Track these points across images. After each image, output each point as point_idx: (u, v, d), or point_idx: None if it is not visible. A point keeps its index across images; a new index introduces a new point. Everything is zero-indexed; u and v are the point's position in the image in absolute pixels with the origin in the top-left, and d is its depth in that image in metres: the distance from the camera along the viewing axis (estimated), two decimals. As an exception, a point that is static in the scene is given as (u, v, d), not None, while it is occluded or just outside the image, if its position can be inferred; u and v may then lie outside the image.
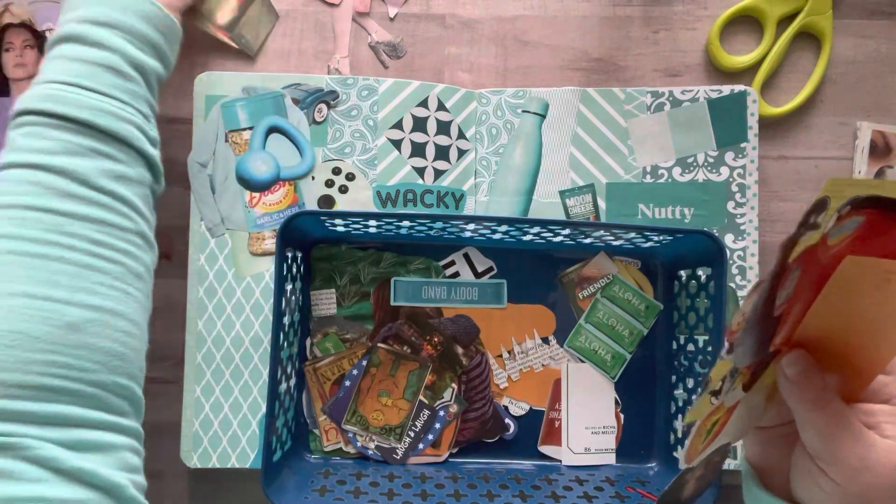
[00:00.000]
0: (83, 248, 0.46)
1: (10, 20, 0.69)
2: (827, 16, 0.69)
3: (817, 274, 0.34)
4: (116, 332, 0.47)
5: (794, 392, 0.38)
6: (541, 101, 0.69)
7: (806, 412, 0.38)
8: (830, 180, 0.30)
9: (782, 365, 0.38)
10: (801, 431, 0.38)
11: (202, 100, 0.67)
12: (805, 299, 0.35)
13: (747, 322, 0.34)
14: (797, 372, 0.38)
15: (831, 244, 0.33)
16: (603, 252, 0.67)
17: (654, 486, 0.63)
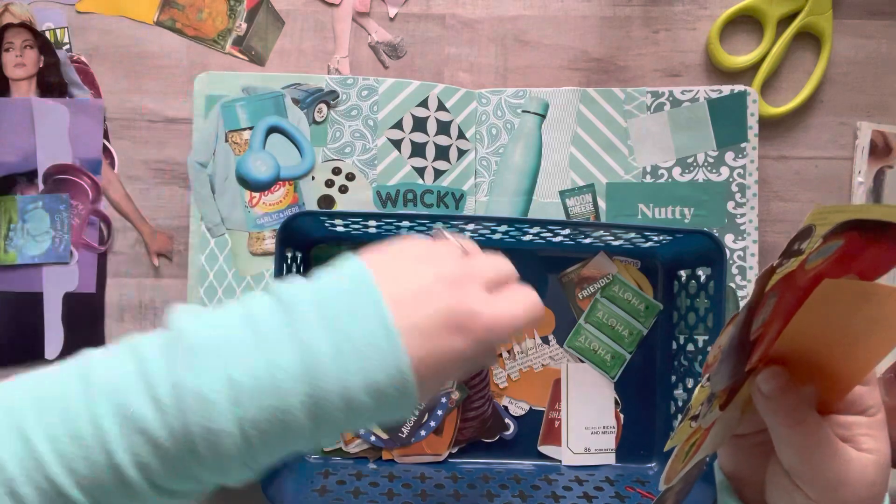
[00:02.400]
0: None
1: (10, 20, 0.69)
2: (827, 16, 0.69)
3: (794, 296, 0.34)
4: None
5: (770, 409, 0.38)
6: (541, 101, 0.69)
7: (782, 428, 0.37)
8: (816, 209, 0.30)
9: (758, 382, 0.38)
10: (777, 447, 0.38)
11: (202, 100, 0.67)
12: (781, 320, 0.35)
13: (724, 353, 0.34)
14: (773, 388, 0.37)
15: (808, 268, 0.33)
16: (603, 252, 0.67)
17: (653, 486, 0.63)
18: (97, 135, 0.69)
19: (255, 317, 0.37)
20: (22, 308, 0.68)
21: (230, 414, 0.35)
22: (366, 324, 0.37)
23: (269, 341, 0.37)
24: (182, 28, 0.70)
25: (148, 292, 0.69)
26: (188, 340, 0.37)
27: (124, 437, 0.35)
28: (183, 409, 0.35)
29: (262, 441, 0.36)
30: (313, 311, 0.37)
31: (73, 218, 0.69)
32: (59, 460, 0.34)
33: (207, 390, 0.35)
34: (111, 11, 0.70)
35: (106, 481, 0.35)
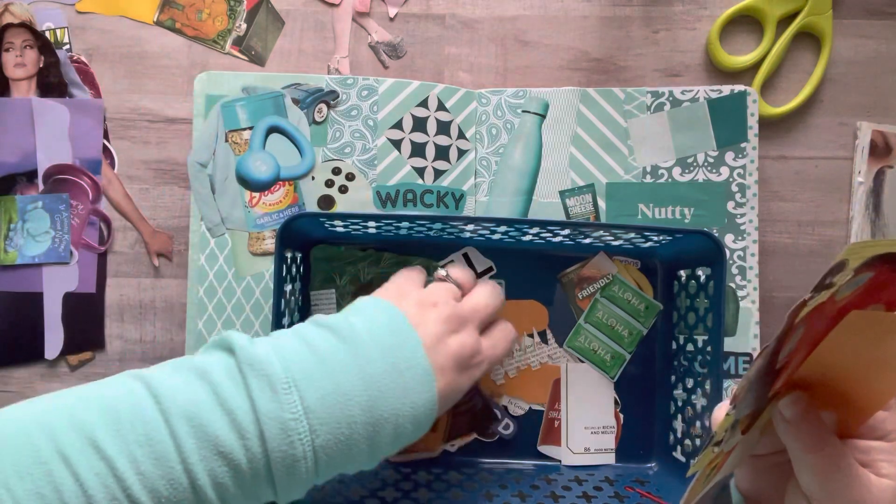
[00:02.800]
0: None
1: (10, 20, 0.69)
2: (827, 16, 0.69)
3: (821, 326, 0.34)
4: None
5: (791, 433, 0.38)
6: (541, 101, 0.69)
7: (803, 454, 0.38)
8: (851, 245, 0.31)
9: (780, 407, 0.38)
10: (797, 472, 0.38)
11: (202, 99, 0.67)
12: (806, 348, 0.36)
13: (750, 383, 0.35)
14: (794, 414, 0.38)
15: (838, 300, 0.33)
16: (602, 252, 0.67)
17: (653, 485, 0.63)
18: (97, 135, 0.69)
19: (316, 347, 0.43)
20: (22, 308, 0.68)
21: (308, 441, 0.40)
22: (412, 362, 0.45)
23: (336, 372, 0.42)
24: (182, 28, 0.70)
25: (148, 292, 0.69)
26: (255, 366, 0.40)
27: (205, 460, 0.37)
28: (263, 435, 0.38)
29: (328, 466, 0.41)
30: (373, 346, 0.44)
31: (73, 218, 0.69)
32: (141, 480, 0.36)
33: (288, 418, 0.39)
34: (111, 11, 0.70)
35: (186, 501, 0.37)
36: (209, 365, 0.40)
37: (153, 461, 0.36)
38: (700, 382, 0.61)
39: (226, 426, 0.38)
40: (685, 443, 0.63)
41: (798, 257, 0.70)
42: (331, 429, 0.41)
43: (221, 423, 0.38)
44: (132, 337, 0.69)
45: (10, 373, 0.69)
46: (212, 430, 0.37)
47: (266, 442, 0.38)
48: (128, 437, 0.36)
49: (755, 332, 0.66)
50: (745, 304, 0.67)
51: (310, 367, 0.41)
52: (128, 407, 0.38)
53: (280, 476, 0.39)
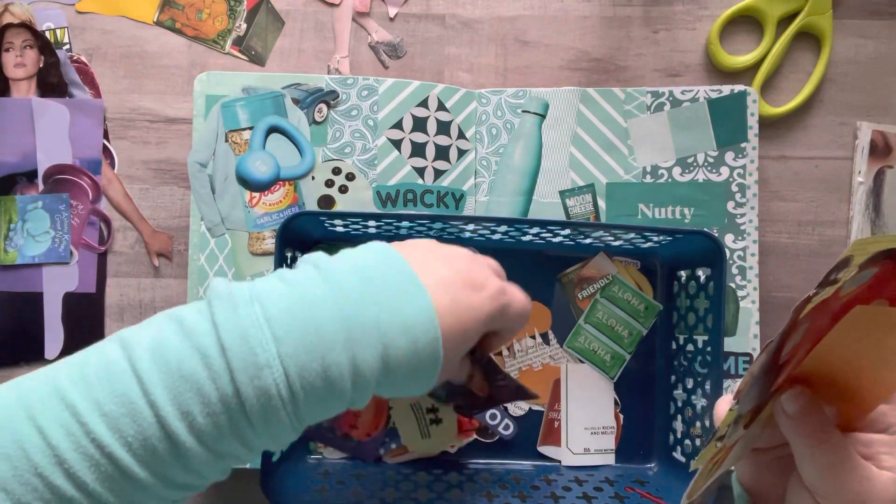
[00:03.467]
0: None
1: (10, 20, 0.69)
2: (827, 16, 0.69)
3: (824, 321, 0.35)
4: None
5: (794, 428, 0.38)
6: (541, 101, 0.68)
7: (805, 447, 0.38)
8: (856, 241, 0.31)
9: (782, 402, 0.38)
10: (800, 465, 0.38)
11: (202, 99, 0.67)
12: (809, 343, 0.36)
13: (754, 378, 0.35)
14: (797, 408, 0.38)
15: (842, 295, 0.33)
16: (602, 252, 0.67)
17: (653, 486, 0.63)
18: (97, 135, 0.69)
19: (285, 274, 0.39)
20: (22, 308, 0.68)
21: (272, 350, 0.35)
22: (395, 277, 0.40)
23: (304, 287, 0.38)
24: (182, 28, 0.70)
25: (148, 292, 0.69)
26: (221, 294, 0.37)
27: (168, 389, 0.34)
28: (223, 347, 0.35)
29: (304, 386, 0.36)
30: (349, 268, 0.40)
31: (73, 218, 0.69)
32: (105, 421, 0.34)
33: (248, 325, 0.36)
34: (111, 11, 0.70)
35: (154, 438, 0.34)
36: (182, 308, 0.38)
37: (116, 399, 0.34)
38: (700, 382, 0.61)
39: (187, 349, 0.35)
40: (685, 443, 0.63)
41: (798, 257, 0.70)
42: (299, 337, 0.36)
43: (183, 348, 0.35)
44: (132, 337, 0.69)
45: (10, 373, 0.68)
46: (174, 356, 0.35)
47: (226, 353, 0.35)
48: (91, 381, 0.35)
49: (755, 332, 0.66)
50: (745, 304, 0.67)
51: (276, 287, 0.38)
52: (95, 356, 0.36)
53: (249, 397, 0.35)
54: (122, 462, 0.34)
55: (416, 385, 0.41)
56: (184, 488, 0.37)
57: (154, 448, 0.34)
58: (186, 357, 0.35)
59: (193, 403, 0.35)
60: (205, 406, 0.35)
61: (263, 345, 0.35)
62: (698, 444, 0.61)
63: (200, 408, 0.35)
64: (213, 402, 0.35)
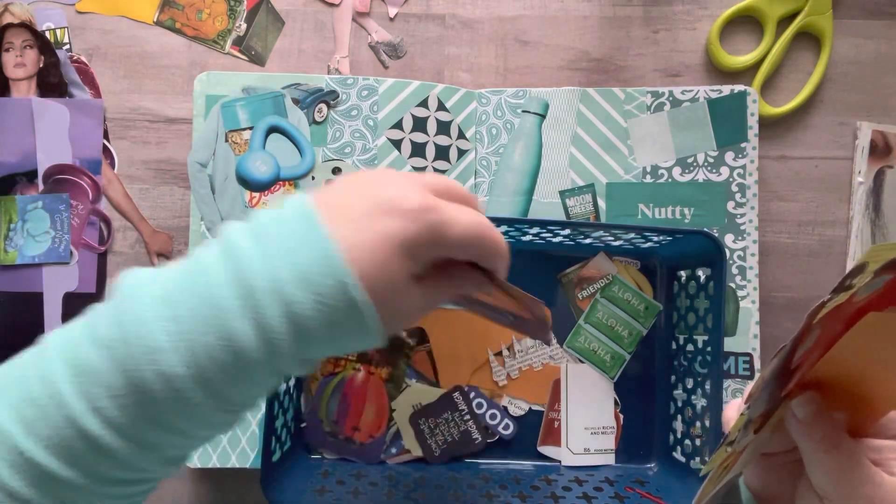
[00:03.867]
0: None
1: (10, 20, 0.69)
2: (827, 16, 0.69)
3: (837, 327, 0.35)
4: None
5: (804, 433, 0.38)
6: (541, 101, 0.68)
7: (815, 453, 0.38)
8: (872, 248, 0.31)
9: (792, 407, 0.38)
10: (809, 471, 0.38)
11: (202, 99, 0.67)
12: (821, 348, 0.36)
13: (765, 382, 0.35)
14: (807, 414, 0.38)
15: (856, 301, 0.33)
16: (602, 252, 0.67)
17: (653, 486, 0.63)
18: (97, 135, 0.69)
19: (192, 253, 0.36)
20: (22, 308, 0.68)
21: (163, 328, 0.33)
22: (293, 224, 0.34)
23: (198, 257, 0.35)
24: (182, 28, 0.70)
25: (148, 292, 0.69)
26: (126, 288, 0.35)
27: (75, 385, 0.33)
28: (123, 337, 0.33)
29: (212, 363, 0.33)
30: (242, 224, 0.35)
31: (73, 218, 0.69)
32: (22, 426, 0.33)
33: (140, 310, 0.33)
34: (111, 11, 0.70)
35: (70, 437, 0.33)
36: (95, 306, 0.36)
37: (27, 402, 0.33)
38: (700, 383, 0.61)
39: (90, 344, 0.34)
40: (685, 443, 0.63)
41: (798, 257, 0.70)
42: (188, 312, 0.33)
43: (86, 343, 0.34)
44: (132, 337, 0.69)
45: (10, 373, 0.68)
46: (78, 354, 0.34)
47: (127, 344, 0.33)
48: (9, 387, 0.34)
49: (755, 332, 0.66)
50: (745, 304, 0.67)
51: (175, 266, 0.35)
52: (16, 362, 0.35)
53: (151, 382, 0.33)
54: (45, 466, 0.33)
55: (359, 338, 0.35)
56: (126, 484, 0.36)
57: (76, 447, 0.33)
58: (92, 353, 0.33)
59: (104, 400, 0.33)
60: (117, 402, 0.33)
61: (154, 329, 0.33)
62: (698, 444, 0.61)
63: (113, 405, 0.33)
64: (121, 393, 0.33)
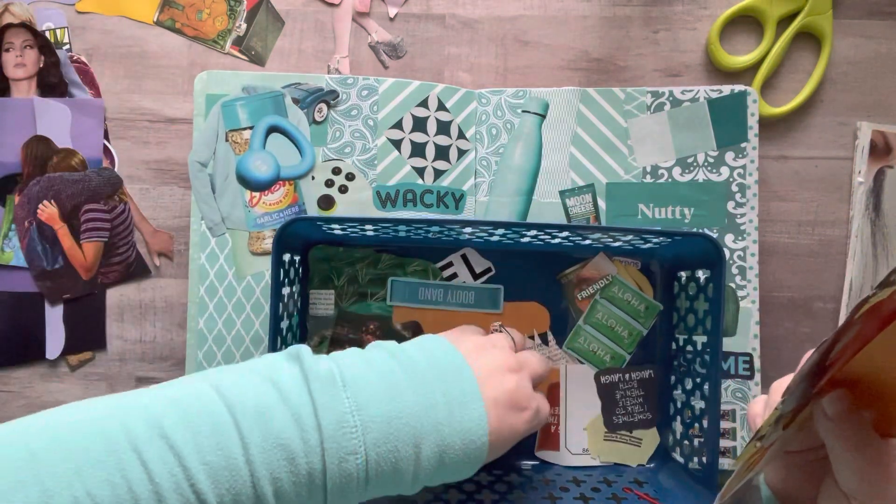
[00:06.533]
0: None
1: (10, 20, 0.69)
2: (827, 16, 0.69)
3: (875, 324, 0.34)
4: None
5: (834, 431, 0.38)
6: (541, 101, 0.68)
7: (844, 451, 0.38)
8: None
9: (823, 404, 0.38)
10: (836, 469, 0.38)
11: (202, 99, 0.67)
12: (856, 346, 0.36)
13: (802, 377, 0.35)
14: (838, 411, 0.38)
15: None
16: (602, 253, 0.67)
17: (651, 486, 0.63)
18: (98, 135, 0.69)
19: (372, 361, 0.46)
20: (22, 308, 0.68)
21: (360, 437, 0.41)
22: (465, 388, 0.46)
23: (389, 382, 0.44)
24: (182, 28, 0.70)
25: (148, 292, 0.70)
26: (320, 374, 0.42)
27: (265, 452, 0.38)
28: (320, 427, 0.40)
29: (377, 471, 0.42)
30: (426, 368, 0.46)
31: (74, 218, 0.69)
32: (206, 470, 0.37)
33: (344, 411, 0.41)
34: (111, 11, 0.70)
35: (244, 495, 0.38)
36: (276, 372, 0.42)
37: (218, 452, 0.37)
38: (699, 384, 0.61)
39: (289, 420, 0.39)
40: (684, 444, 0.63)
41: (798, 257, 0.70)
42: (382, 427, 0.42)
43: (285, 418, 0.39)
44: (132, 337, 0.69)
45: (11, 373, 0.69)
46: (276, 424, 0.39)
47: (322, 432, 0.40)
48: (196, 429, 0.38)
49: (755, 332, 0.66)
50: (745, 304, 0.67)
51: (364, 372, 0.44)
52: (197, 403, 0.39)
53: (333, 476, 0.40)
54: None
55: (458, 477, 0.47)
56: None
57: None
58: (286, 426, 0.39)
59: (284, 470, 0.39)
60: (293, 475, 0.39)
61: (354, 433, 0.41)
62: (697, 445, 0.61)
63: (288, 476, 0.39)
64: (301, 473, 0.39)
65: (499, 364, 0.50)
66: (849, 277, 0.69)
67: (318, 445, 0.40)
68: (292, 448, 0.39)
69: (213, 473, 0.37)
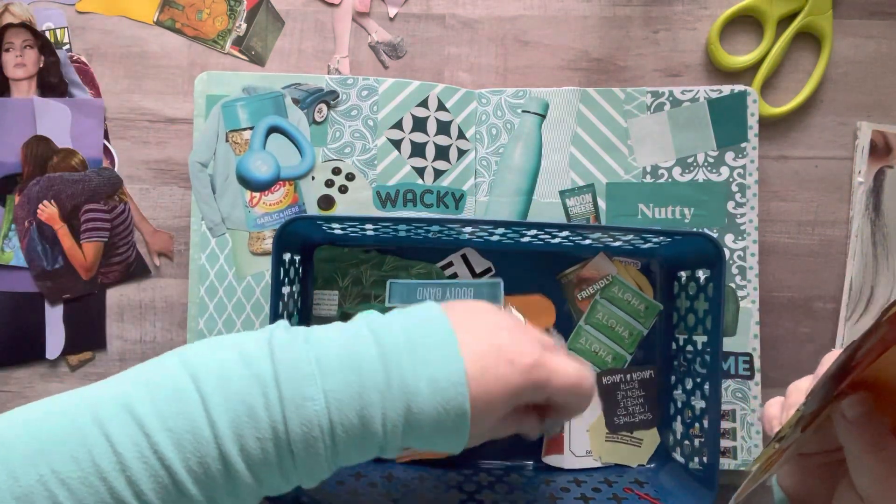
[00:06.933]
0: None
1: (10, 20, 0.69)
2: (827, 16, 0.69)
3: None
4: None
5: (853, 434, 0.38)
6: (541, 101, 0.68)
7: (862, 454, 0.37)
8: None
9: (843, 407, 0.38)
10: (854, 472, 0.38)
11: (202, 99, 0.68)
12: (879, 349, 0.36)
13: (826, 379, 0.35)
14: (858, 414, 0.37)
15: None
16: (602, 253, 0.67)
17: (652, 486, 0.63)
18: (98, 135, 0.69)
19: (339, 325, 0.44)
20: (22, 308, 0.68)
21: (318, 382, 0.39)
22: (435, 329, 0.43)
23: (353, 338, 0.42)
24: (182, 28, 0.70)
25: (148, 292, 0.69)
26: (281, 335, 0.41)
27: (228, 413, 0.38)
28: (278, 379, 0.39)
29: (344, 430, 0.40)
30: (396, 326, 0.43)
31: (74, 218, 0.69)
32: (169, 437, 0.37)
33: (300, 359, 0.40)
34: (111, 11, 0.70)
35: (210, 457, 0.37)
36: (244, 342, 0.42)
37: (180, 417, 0.37)
38: (699, 384, 0.61)
39: (249, 378, 0.39)
40: (685, 444, 0.63)
41: (798, 257, 0.70)
42: (342, 378, 0.40)
43: (245, 377, 0.39)
44: (132, 337, 0.69)
45: (11, 373, 0.69)
46: (236, 383, 0.39)
47: (280, 384, 0.39)
48: (158, 398, 0.38)
49: (755, 332, 0.66)
50: (745, 304, 0.67)
51: (332, 334, 0.42)
52: (160, 375, 0.40)
53: (294, 426, 0.38)
54: (178, 476, 0.37)
55: (446, 443, 0.43)
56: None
57: (208, 467, 0.37)
58: (247, 385, 0.39)
59: (246, 427, 0.38)
60: (255, 430, 0.38)
61: (310, 378, 0.39)
62: (697, 445, 0.61)
63: (252, 432, 0.38)
64: (264, 427, 0.38)
65: (491, 321, 0.45)
66: (849, 277, 0.69)
67: (277, 397, 0.39)
68: (252, 404, 0.38)
69: (176, 438, 0.37)
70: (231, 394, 0.38)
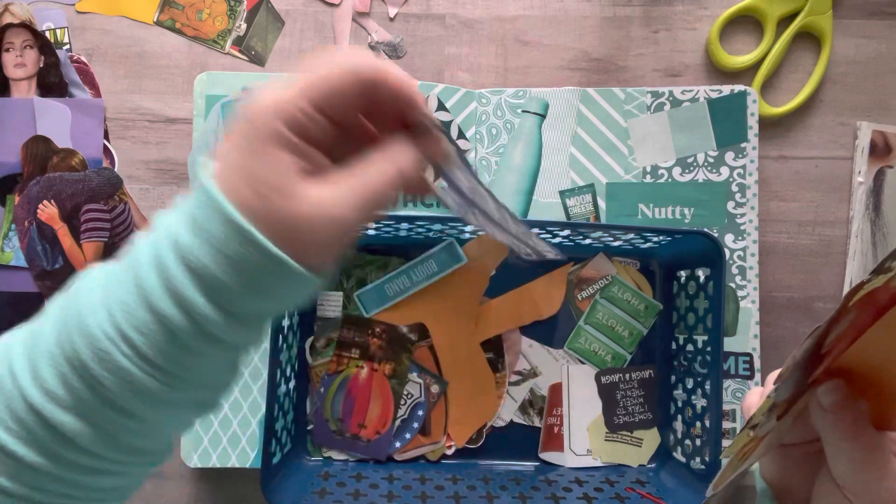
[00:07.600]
0: None
1: (10, 20, 0.69)
2: (827, 16, 0.69)
3: (870, 313, 0.34)
4: None
5: (829, 422, 0.37)
6: (541, 101, 0.68)
7: (839, 442, 0.37)
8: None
9: (818, 394, 0.38)
10: (831, 460, 0.38)
11: (202, 99, 0.67)
12: (852, 335, 0.35)
13: (796, 363, 0.34)
14: (833, 402, 0.37)
15: (893, 287, 0.33)
16: (602, 253, 0.67)
17: (653, 486, 0.63)
18: (98, 135, 0.69)
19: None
20: (22, 308, 0.68)
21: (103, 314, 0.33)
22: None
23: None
24: (182, 28, 0.70)
25: (148, 292, 0.69)
26: None
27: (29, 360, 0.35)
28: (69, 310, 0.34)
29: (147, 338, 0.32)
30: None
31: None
32: None
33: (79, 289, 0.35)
34: (111, 11, 0.70)
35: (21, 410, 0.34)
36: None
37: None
38: (700, 383, 0.61)
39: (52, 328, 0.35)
40: (685, 443, 0.63)
41: (798, 257, 0.70)
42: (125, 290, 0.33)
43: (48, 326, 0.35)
44: (132, 337, 0.69)
45: (11, 373, 0.68)
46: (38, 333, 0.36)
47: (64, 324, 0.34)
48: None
49: (755, 332, 0.66)
50: (745, 304, 0.67)
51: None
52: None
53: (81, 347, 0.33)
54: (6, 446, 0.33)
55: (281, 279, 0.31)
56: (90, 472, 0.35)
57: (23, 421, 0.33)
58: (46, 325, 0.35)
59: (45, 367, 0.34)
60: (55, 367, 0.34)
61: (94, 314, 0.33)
62: (698, 445, 0.61)
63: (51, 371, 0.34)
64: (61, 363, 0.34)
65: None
66: (849, 277, 0.69)
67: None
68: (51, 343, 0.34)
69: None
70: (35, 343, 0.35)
